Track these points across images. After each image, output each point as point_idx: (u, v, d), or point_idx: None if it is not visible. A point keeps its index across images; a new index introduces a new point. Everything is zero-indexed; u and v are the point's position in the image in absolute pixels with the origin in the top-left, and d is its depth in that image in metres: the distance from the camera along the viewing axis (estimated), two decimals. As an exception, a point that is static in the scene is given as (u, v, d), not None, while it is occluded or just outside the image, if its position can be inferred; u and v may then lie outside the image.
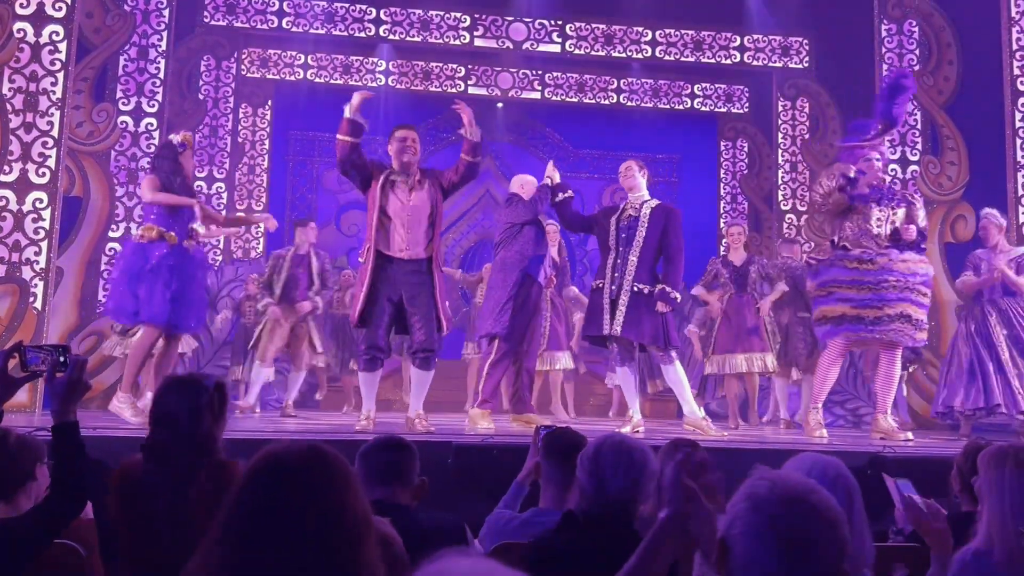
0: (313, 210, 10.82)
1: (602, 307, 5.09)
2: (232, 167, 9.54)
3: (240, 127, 10.06)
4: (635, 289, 5.01)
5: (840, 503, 1.31)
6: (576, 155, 12.18)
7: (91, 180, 7.11)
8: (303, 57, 10.33)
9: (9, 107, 5.62)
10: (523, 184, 5.94)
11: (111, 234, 7.21)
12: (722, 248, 11.25)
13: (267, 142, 10.50)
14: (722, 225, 11.24)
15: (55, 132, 5.71)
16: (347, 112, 4.79)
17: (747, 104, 11.22)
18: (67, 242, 6.79)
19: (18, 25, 5.68)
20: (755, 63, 10.16)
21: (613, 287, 5.07)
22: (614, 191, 12.33)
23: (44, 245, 5.68)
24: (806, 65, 10.04)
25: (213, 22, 9.30)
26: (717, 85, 11.13)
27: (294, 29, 9.47)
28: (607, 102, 11.04)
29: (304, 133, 11.49)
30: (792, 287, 6.94)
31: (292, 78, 10.40)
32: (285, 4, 9.39)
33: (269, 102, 10.52)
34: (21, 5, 5.73)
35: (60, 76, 5.75)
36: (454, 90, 10.73)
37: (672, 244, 5.15)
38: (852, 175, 5.19)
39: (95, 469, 2.53)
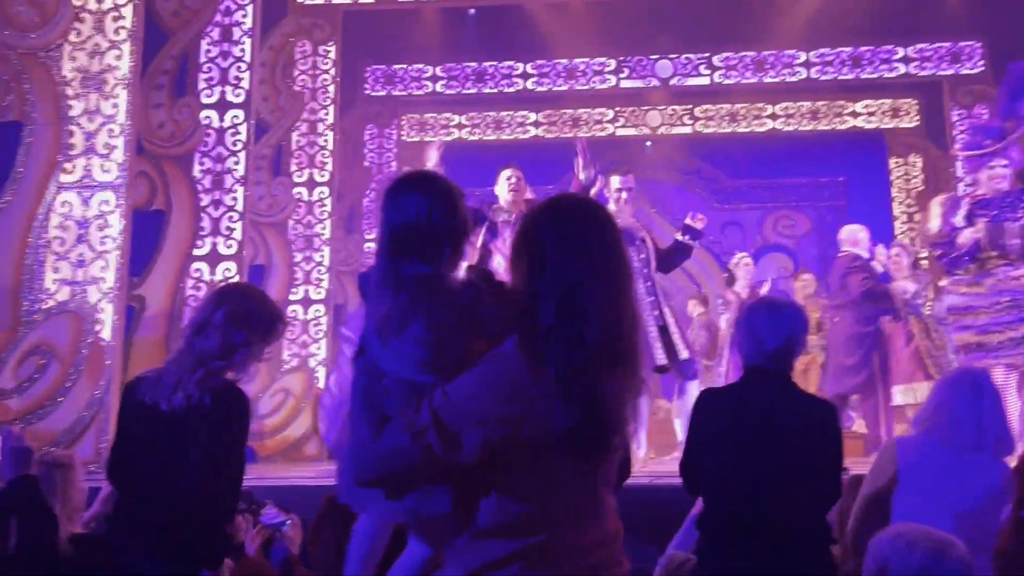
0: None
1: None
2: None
3: (403, 189, 10.56)
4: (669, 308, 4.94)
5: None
6: (733, 186, 11.89)
7: (274, 250, 7.69)
8: (457, 117, 10.77)
9: (200, 187, 6.21)
10: (858, 240, 5.99)
11: (291, 297, 7.74)
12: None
13: (428, 201, 10.94)
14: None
15: (239, 207, 6.25)
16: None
17: (917, 117, 10.55)
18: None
19: (204, 113, 6.29)
20: (922, 73, 9.56)
21: (655, 312, 4.92)
22: (777, 219, 11.92)
23: (234, 311, 6.17)
24: (981, 69, 9.33)
25: (373, 93, 9.91)
26: (882, 100, 10.56)
27: (447, 92, 9.91)
28: (762, 129, 10.73)
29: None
30: None
31: (448, 138, 10.85)
32: (438, 69, 9.86)
33: (428, 163, 11.00)
34: (206, 95, 6.35)
35: (242, 156, 6.30)
36: (603, 133, 10.80)
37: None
38: (961, 220, 4.78)
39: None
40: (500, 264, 4.69)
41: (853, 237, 6.01)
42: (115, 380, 4.69)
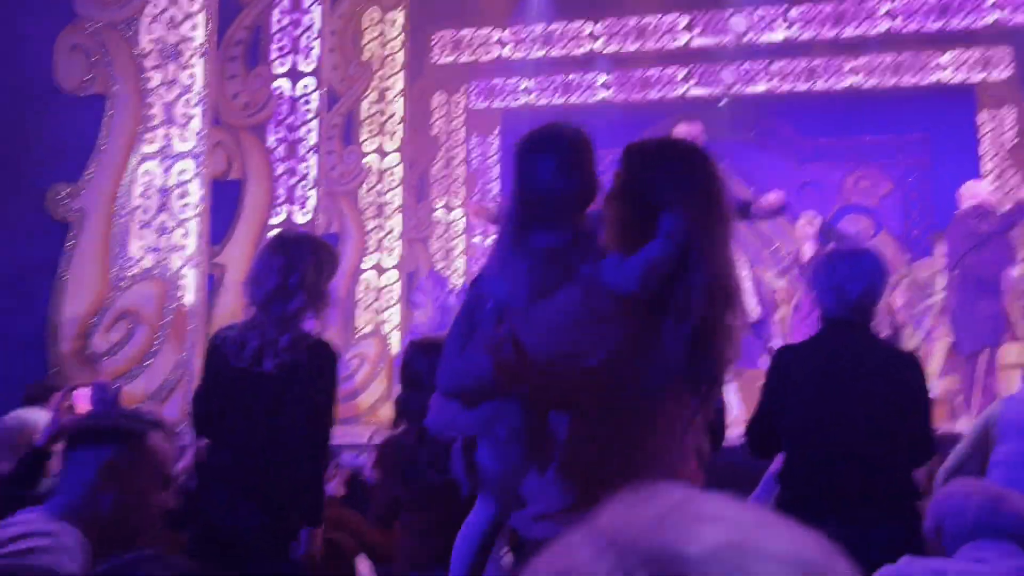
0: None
1: None
2: (467, 196, 10.05)
3: (472, 156, 10.58)
4: None
5: None
6: (812, 145, 11.50)
7: (347, 218, 7.80)
8: (525, 82, 10.67)
9: (274, 156, 6.32)
10: (978, 193, 5.92)
11: (364, 264, 7.84)
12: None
13: (497, 168, 10.93)
14: (989, 205, 10.06)
15: (312, 175, 6.34)
16: None
17: (1011, 67, 9.98)
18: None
19: (277, 82, 6.38)
20: (1017, 19, 9.02)
21: None
22: (857, 179, 11.50)
23: (310, 277, 6.29)
24: (1082, 12, 8.75)
25: (441, 60, 9.89)
26: (971, 51, 10.02)
27: (515, 56, 9.82)
28: (841, 86, 10.32)
29: (531, 155, 11.84)
30: None
31: (516, 104, 10.77)
32: (505, 32, 9.77)
33: (496, 129, 10.97)
34: (279, 64, 6.43)
35: (314, 124, 6.38)
36: (674, 94, 10.56)
37: None
38: None
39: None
40: None
41: (973, 191, 5.91)
42: (198, 344, 4.83)
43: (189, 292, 4.94)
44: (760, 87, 10.42)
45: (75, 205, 4.94)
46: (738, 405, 5.11)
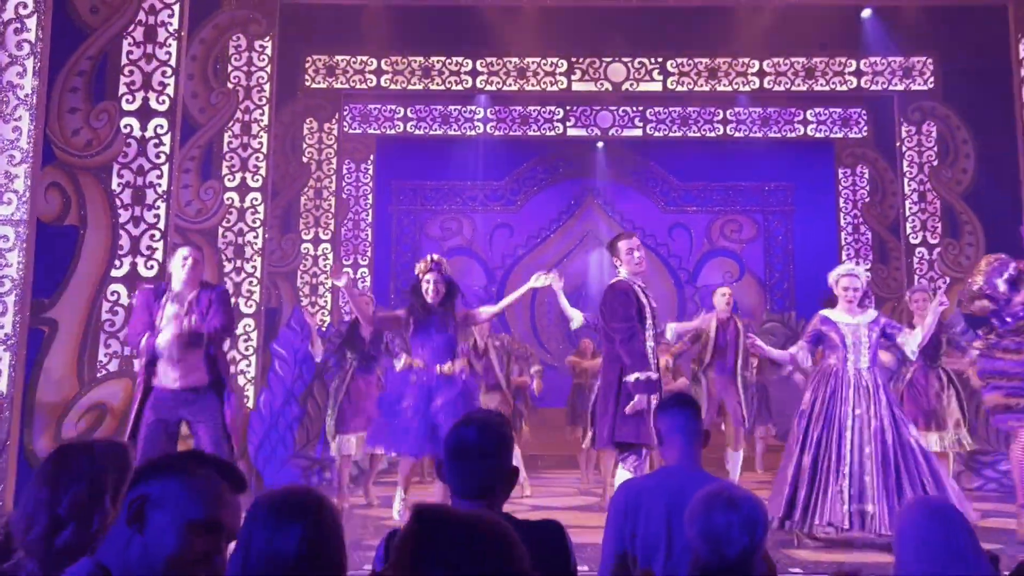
0: (418, 258, 10.84)
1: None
2: (337, 225, 9.64)
3: (344, 183, 10.18)
4: None
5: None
6: (682, 189, 11.78)
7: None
8: (403, 110, 10.37)
9: (118, 202, 5.76)
10: None
11: (221, 308, 7.33)
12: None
13: (370, 196, 10.57)
14: (844, 257, 10.56)
15: (162, 224, 5.82)
16: None
17: (866, 128, 10.52)
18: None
19: (125, 121, 5.82)
20: (874, 87, 9.49)
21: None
22: (723, 224, 11.85)
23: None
24: (931, 87, 9.29)
25: (314, 85, 9.44)
26: (832, 110, 10.50)
27: (392, 87, 9.50)
28: (713, 134, 10.58)
29: (406, 183, 11.58)
30: None
31: (393, 132, 10.46)
32: (383, 62, 9.43)
33: (371, 156, 10.61)
34: (127, 101, 5.88)
35: (165, 169, 5.86)
36: (552, 133, 10.54)
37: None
38: (1003, 290, 4.70)
39: None
40: None
41: None
42: (12, 440, 4.29)
43: (3, 377, 4.36)
44: (635, 131, 10.54)
45: None
46: None
